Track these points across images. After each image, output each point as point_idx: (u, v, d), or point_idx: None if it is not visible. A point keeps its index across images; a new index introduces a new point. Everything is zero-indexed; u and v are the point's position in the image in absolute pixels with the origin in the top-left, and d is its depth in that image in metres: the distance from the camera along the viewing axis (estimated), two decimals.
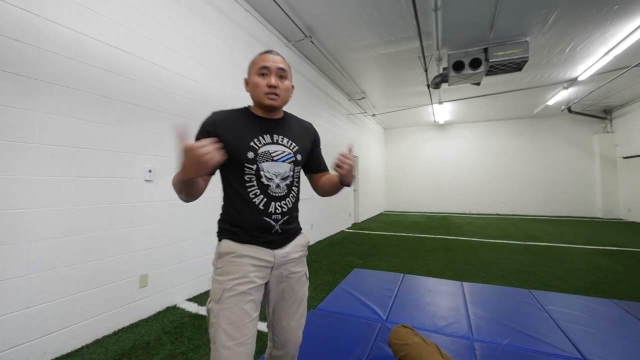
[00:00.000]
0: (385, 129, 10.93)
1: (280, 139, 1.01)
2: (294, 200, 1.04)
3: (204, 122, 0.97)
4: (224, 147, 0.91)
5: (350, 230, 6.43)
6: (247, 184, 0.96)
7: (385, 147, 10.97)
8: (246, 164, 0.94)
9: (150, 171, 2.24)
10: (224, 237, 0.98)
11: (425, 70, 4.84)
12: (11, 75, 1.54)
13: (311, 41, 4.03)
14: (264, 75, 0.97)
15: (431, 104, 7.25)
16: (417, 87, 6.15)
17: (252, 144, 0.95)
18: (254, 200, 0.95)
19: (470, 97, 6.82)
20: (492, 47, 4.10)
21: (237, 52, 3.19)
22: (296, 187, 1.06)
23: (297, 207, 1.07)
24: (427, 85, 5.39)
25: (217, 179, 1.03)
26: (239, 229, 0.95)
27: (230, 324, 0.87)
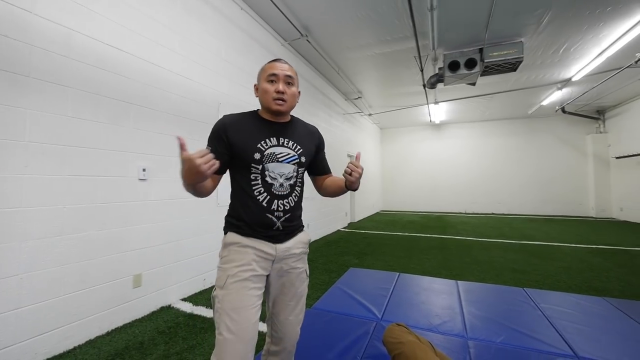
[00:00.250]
0: (381, 128, 10.96)
1: (286, 142, 1.06)
2: (296, 199, 1.09)
3: (215, 125, 1.04)
4: (233, 148, 1.00)
5: (346, 229, 6.43)
6: (252, 182, 1.01)
7: (381, 147, 11.00)
8: (253, 164, 1.00)
9: (144, 170, 2.21)
10: (229, 230, 1.05)
11: (421, 70, 4.86)
12: (1, 72, 1.52)
13: (307, 40, 4.03)
14: (272, 82, 1.03)
15: (427, 104, 7.28)
16: (413, 87, 6.17)
17: (259, 146, 1.01)
18: (257, 197, 1.01)
19: (465, 97, 6.86)
20: (487, 48, 4.13)
21: (233, 51, 3.17)
22: (299, 187, 1.11)
23: (299, 206, 1.12)
24: (423, 85, 5.41)
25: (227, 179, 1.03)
26: (243, 224, 1.01)
27: (233, 308, 0.91)
